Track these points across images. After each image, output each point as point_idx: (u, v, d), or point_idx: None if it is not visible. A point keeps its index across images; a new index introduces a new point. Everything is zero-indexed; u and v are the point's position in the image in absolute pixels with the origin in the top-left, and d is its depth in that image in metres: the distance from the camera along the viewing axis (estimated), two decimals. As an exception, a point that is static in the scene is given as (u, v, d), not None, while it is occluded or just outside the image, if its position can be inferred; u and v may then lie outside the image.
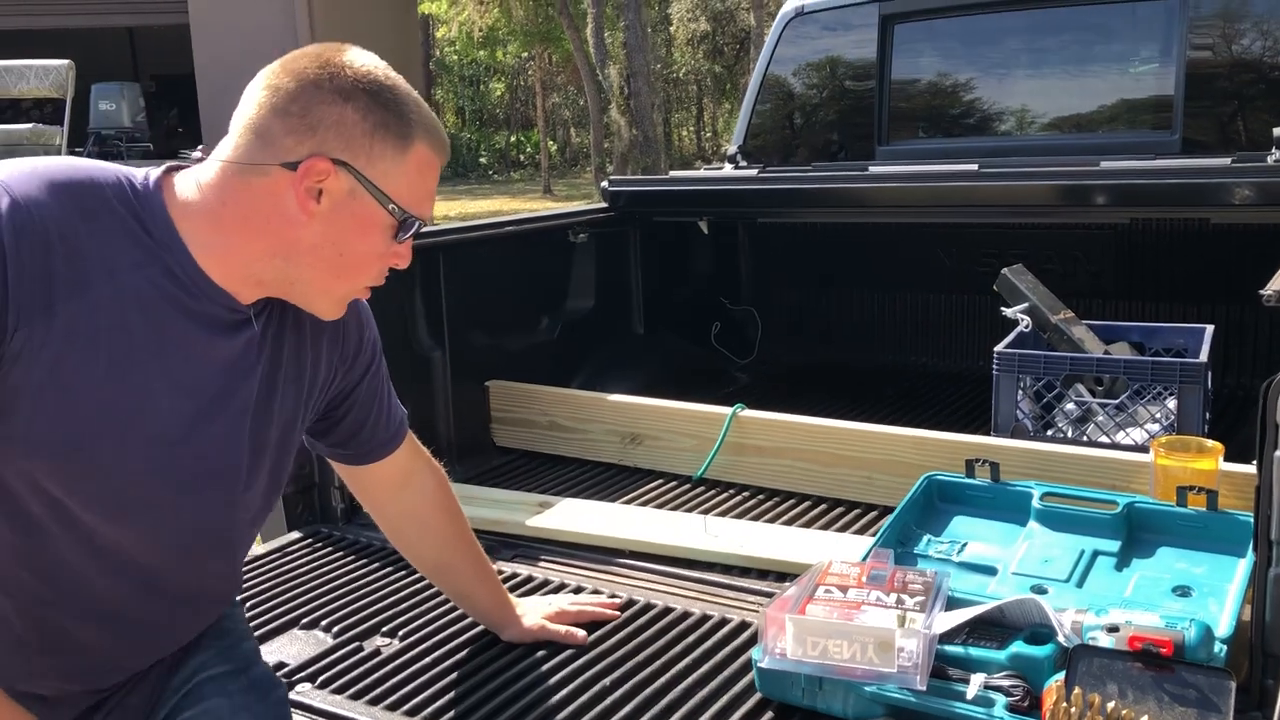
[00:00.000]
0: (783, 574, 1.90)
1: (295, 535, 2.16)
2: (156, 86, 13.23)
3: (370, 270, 1.25)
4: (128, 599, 1.24)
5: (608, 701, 1.52)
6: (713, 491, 2.33)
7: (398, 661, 1.66)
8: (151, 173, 1.20)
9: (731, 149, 3.81)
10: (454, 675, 1.61)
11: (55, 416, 1.10)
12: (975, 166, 2.69)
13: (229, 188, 1.18)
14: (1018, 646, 1.41)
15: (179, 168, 1.22)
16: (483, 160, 27.57)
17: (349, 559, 2.06)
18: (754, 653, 1.48)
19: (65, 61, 7.58)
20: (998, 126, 3.53)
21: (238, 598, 1.53)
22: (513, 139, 29.53)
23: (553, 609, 1.75)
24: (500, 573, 1.95)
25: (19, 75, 7.51)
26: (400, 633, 1.76)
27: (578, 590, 1.88)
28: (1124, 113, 3.32)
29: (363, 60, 1.20)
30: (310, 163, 1.15)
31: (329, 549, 2.10)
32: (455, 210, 16.35)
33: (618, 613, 1.77)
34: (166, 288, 1.16)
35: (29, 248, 1.06)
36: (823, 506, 2.23)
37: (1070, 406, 2.29)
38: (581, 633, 1.70)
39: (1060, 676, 1.29)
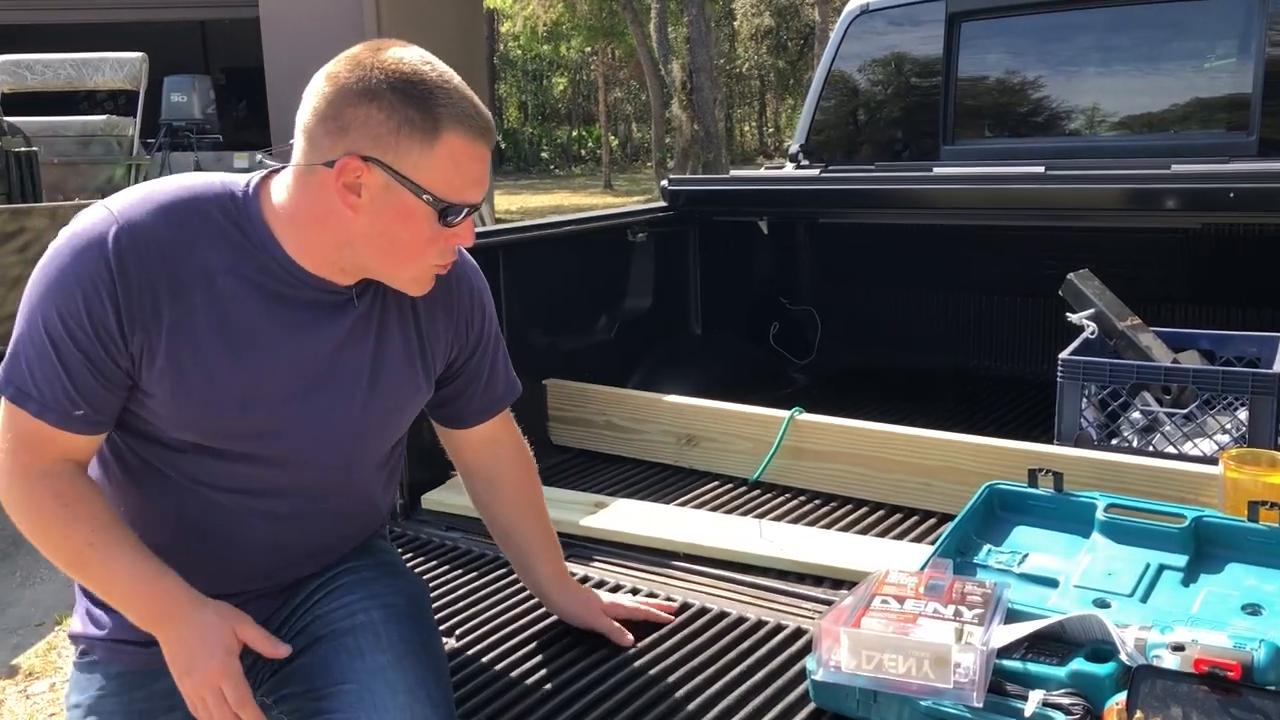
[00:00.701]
0: (838, 581, 1.88)
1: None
2: (226, 79, 13.46)
3: (428, 253, 1.33)
4: (272, 548, 1.43)
5: (662, 707, 1.51)
6: (769, 495, 2.32)
7: (454, 662, 1.67)
8: (252, 180, 1.35)
9: (794, 147, 3.78)
10: (510, 676, 1.62)
11: (182, 401, 1.30)
12: (1042, 169, 2.64)
13: (295, 188, 1.31)
14: (1078, 663, 1.38)
15: (275, 172, 1.36)
16: (544, 155, 27.69)
17: (407, 555, 2.08)
18: (808, 663, 1.47)
19: (139, 54, 7.74)
20: (1065, 126, 3.46)
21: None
22: (574, 134, 29.60)
23: (607, 601, 1.77)
24: (555, 573, 1.97)
25: (94, 68, 7.68)
26: (458, 631, 1.77)
27: (634, 592, 1.88)
28: (1197, 112, 3.24)
29: (397, 57, 1.27)
30: (344, 161, 1.25)
31: (387, 545, 2.12)
32: (516, 205, 16.45)
33: (672, 616, 1.77)
34: (265, 282, 1.32)
35: (134, 265, 1.25)
36: (880, 513, 2.21)
37: (1136, 416, 2.24)
38: (630, 636, 1.71)
39: (1122, 697, 1.26)
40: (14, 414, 1.30)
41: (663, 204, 3.15)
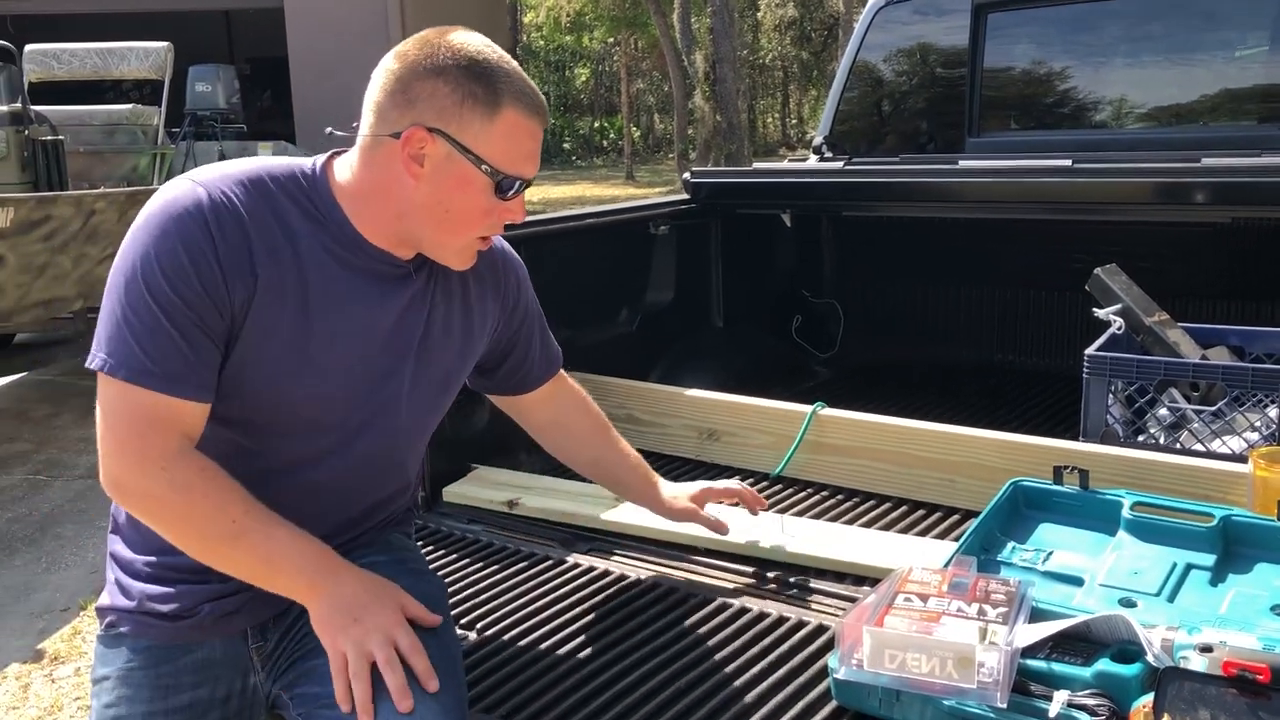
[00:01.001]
0: (860, 577, 1.87)
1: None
2: (251, 69, 13.49)
3: (479, 224, 1.42)
4: (322, 502, 1.46)
5: (683, 704, 1.51)
6: (790, 490, 2.31)
7: (474, 655, 1.67)
8: (318, 160, 1.43)
9: (818, 139, 3.76)
10: (530, 671, 1.62)
11: (261, 357, 1.36)
12: (1069, 162, 2.61)
13: (363, 162, 1.40)
14: (1104, 664, 1.36)
15: (340, 153, 1.44)
16: (566, 146, 27.67)
17: (428, 549, 2.08)
18: (830, 661, 1.46)
19: (164, 44, 7.77)
20: (1093, 118, 3.42)
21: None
22: (596, 125, 29.57)
23: (696, 488, 1.92)
24: (575, 565, 1.97)
25: (120, 57, 7.72)
26: (478, 626, 1.77)
27: (653, 587, 1.87)
28: (1228, 104, 3.20)
29: (462, 39, 1.37)
30: (410, 132, 1.33)
31: (408, 537, 2.12)
32: (538, 196, 16.45)
33: (764, 501, 1.96)
34: (336, 251, 1.40)
35: (230, 228, 1.32)
36: (903, 509, 2.19)
37: (1163, 413, 2.22)
38: (728, 525, 1.91)
39: (1148, 699, 1.25)
40: (130, 396, 1.30)
41: (685, 196, 3.13)
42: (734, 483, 2.00)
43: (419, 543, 2.08)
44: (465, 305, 1.57)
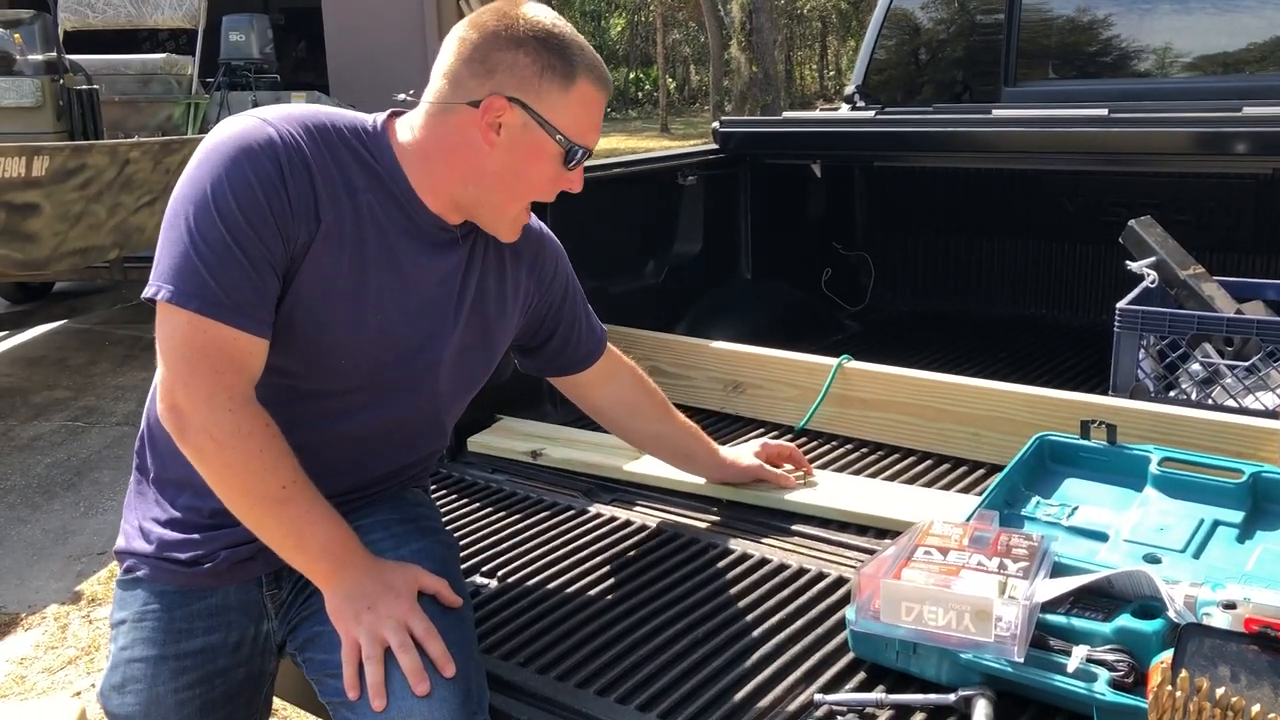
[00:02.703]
0: (883, 530, 1.86)
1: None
2: (285, 19, 13.45)
3: (542, 192, 1.47)
4: (349, 458, 1.48)
5: (700, 652, 1.51)
6: (815, 443, 2.30)
7: (495, 603, 1.68)
8: (378, 117, 1.45)
9: (850, 88, 3.70)
10: (549, 619, 1.63)
11: (314, 304, 1.37)
12: (1105, 111, 2.55)
13: (432, 126, 1.41)
14: (1125, 619, 1.35)
15: (399, 113, 1.46)
16: (601, 96, 27.45)
17: (451, 497, 2.09)
18: (848, 613, 1.46)
19: (197, -8, 7.74)
20: (1133, 67, 3.34)
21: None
22: (632, 76, 29.30)
23: (757, 447, 2.00)
24: (598, 515, 1.97)
25: (154, 5, 7.71)
26: (500, 573, 1.78)
27: (674, 537, 1.87)
28: (1274, 52, 3.12)
29: (535, 12, 1.40)
30: (489, 101, 1.37)
31: (434, 485, 2.13)
32: (572, 146, 16.32)
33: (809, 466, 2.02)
34: (391, 207, 1.41)
35: (297, 170, 1.32)
36: (928, 462, 2.18)
37: (1196, 368, 2.18)
38: (792, 479, 1.98)
39: (1167, 654, 1.24)
40: (202, 329, 1.27)
41: (714, 146, 3.10)
42: (785, 444, 2.06)
43: (442, 492, 2.11)
44: (504, 276, 1.58)
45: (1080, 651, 1.32)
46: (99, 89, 6.27)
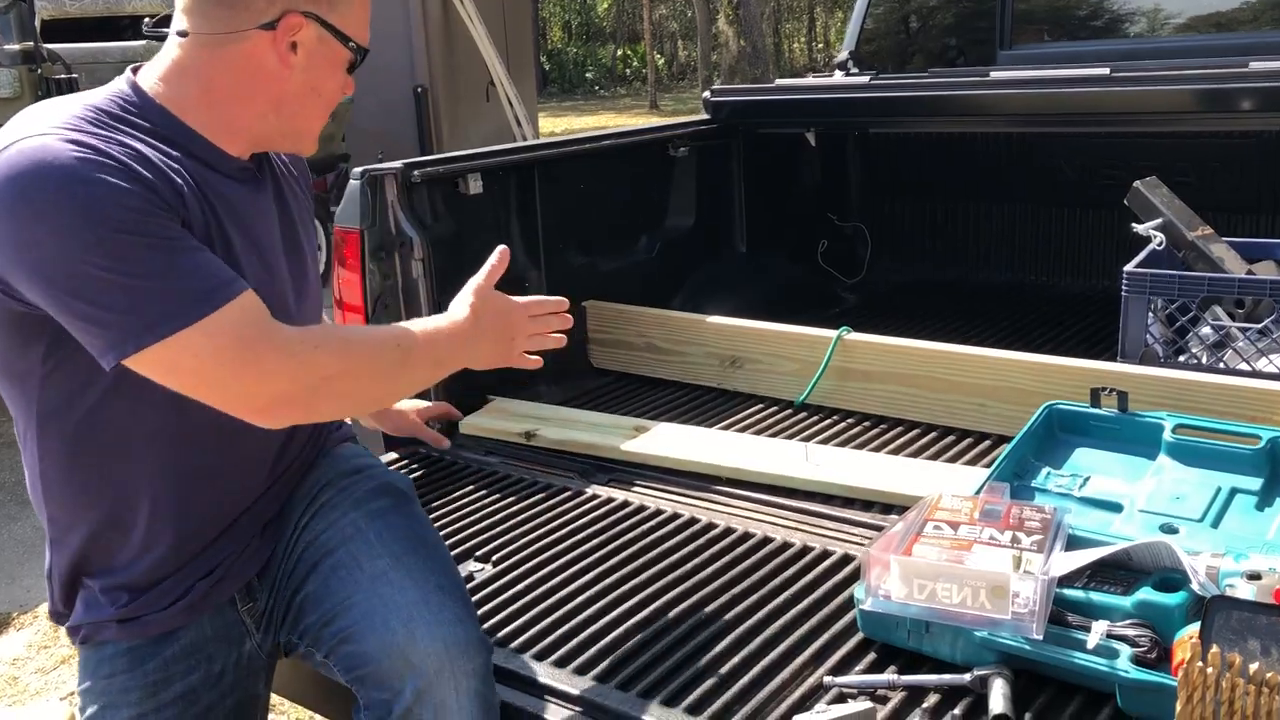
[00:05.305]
0: (889, 505, 1.81)
1: (391, 455, 2.14)
2: (266, 5, 13.34)
3: (333, 103, 1.39)
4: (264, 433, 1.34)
5: (703, 635, 1.46)
6: (816, 418, 2.24)
7: (490, 588, 1.63)
8: (118, 83, 1.30)
9: (842, 55, 3.62)
10: (545, 604, 1.58)
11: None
12: (1106, 70, 2.48)
13: (209, 64, 1.28)
14: (1146, 593, 1.30)
15: (138, 67, 1.32)
16: (589, 76, 27.26)
17: (444, 481, 2.03)
18: (856, 592, 1.41)
19: (176, -20, 7.63)
20: (1131, 28, 3.28)
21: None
22: (619, 53, 29.11)
23: (420, 405, 2.10)
24: (595, 497, 1.92)
25: (133, -7, 7.61)
26: (494, 558, 1.73)
27: (673, 518, 1.82)
28: (1274, 8, 3.05)
29: None
30: (287, 20, 1.28)
31: (425, 469, 2.08)
32: (561, 127, 16.24)
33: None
34: (199, 170, 1.28)
35: (140, 168, 1.19)
36: (932, 435, 2.12)
37: (1206, 331, 2.12)
38: (446, 441, 2.11)
39: (1193, 628, 1.18)
40: (215, 330, 1.17)
41: (705, 116, 3.03)
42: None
43: (434, 475, 2.05)
44: (296, 195, 1.50)
45: (1100, 627, 1.26)
46: (78, 78, 6.16)
